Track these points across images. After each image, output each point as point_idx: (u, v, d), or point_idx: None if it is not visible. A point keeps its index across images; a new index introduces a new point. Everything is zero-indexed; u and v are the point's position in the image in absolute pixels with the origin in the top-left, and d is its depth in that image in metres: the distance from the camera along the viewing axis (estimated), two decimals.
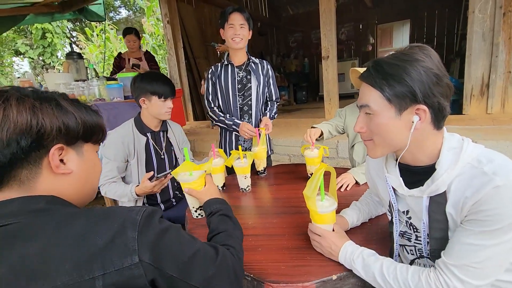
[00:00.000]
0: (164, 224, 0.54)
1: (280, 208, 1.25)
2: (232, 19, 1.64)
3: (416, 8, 6.86)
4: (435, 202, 0.66)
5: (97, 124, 0.60)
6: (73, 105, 0.56)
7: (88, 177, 0.59)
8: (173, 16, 4.55)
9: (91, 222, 0.47)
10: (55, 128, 0.51)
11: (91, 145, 0.60)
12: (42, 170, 0.51)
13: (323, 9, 3.34)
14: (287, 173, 1.67)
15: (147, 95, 1.55)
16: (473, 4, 2.74)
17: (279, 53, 8.16)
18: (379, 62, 0.66)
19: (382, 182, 0.82)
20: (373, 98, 0.66)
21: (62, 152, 0.53)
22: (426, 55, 0.62)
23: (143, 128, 1.61)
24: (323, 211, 0.86)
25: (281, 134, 3.19)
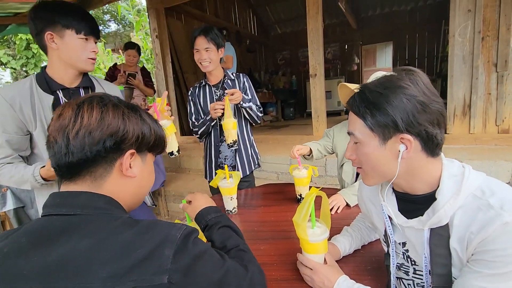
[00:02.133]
0: (199, 246, 0.54)
1: (268, 233, 1.18)
2: (197, 44, 1.63)
3: (398, 31, 7.18)
4: (437, 235, 0.60)
5: (163, 137, 0.66)
6: (149, 117, 0.63)
7: (144, 184, 0.64)
8: (162, 31, 4.54)
9: (137, 233, 0.50)
10: (135, 135, 0.58)
11: (151, 155, 0.66)
12: (113, 170, 0.57)
13: (311, 29, 3.41)
14: (275, 193, 1.60)
15: (57, 28, 1.06)
16: (453, 29, 2.86)
17: (267, 70, 8.27)
18: (364, 89, 0.63)
19: (377, 210, 0.77)
20: (357, 127, 0.64)
21: (132, 157, 0.59)
22: (412, 80, 0.59)
23: (49, 84, 1.13)
24: (314, 240, 0.80)
25: (269, 151, 3.15)
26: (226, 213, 1.38)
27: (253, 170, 1.86)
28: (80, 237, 0.48)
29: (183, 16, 5.30)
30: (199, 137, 1.79)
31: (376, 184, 0.70)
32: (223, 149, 1.79)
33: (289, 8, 7.81)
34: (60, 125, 0.54)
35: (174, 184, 3.17)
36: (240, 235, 0.78)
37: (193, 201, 0.89)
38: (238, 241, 0.74)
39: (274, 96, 7.05)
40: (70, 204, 0.53)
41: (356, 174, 1.53)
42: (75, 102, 0.56)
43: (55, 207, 0.53)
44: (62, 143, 0.53)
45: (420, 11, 6.90)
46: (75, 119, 0.53)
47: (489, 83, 2.81)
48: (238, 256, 0.69)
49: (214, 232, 0.76)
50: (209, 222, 0.79)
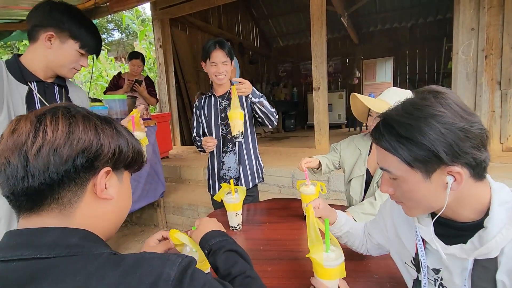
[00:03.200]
0: (197, 281, 0.47)
1: (275, 253, 1.12)
2: (214, 57, 1.61)
3: (399, 47, 7.29)
4: (482, 267, 0.54)
5: (141, 152, 0.58)
6: (125, 130, 0.55)
7: (122, 206, 0.56)
8: (166, 41, 4.57)
9: (123, 273, 0.42)
10: (111, 150, 0.49)
11: (127, 173, 0.57)
12: (85, 193, 0.48)
13: (315, 43, 3.44)
14: (280, 209, 1.55)
15: (64, 34, 1.05)
16: (457, 46, 2.89)
17: (269, 81, 8.33)
18: (389, 121, 0.57)
19: (409, 230, 0.71)
20: (392, 164, 0.57)
21: (107, 176, 0.51)
22: (444, 105, 0.52)
23: (22, 73, 1.07)
24: (329, 265, 0.74)
25: (271, 163, 3.11)
26: (230, 230, 1.33)
27: (256, 183, 1.81)
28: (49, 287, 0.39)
29: (187, 27, 5.36)
30: (201, 150, 1.78)
31: (418, 215, 0.64)
32: (226, 160, 1.75)
33: (291, 22, 7.94)
34: (14, 143, 0.44)
35: (174, 195, 3.11)
36: (247, 259, 0.71)
37: (199, 225, 0.82)
38: (245, 267, 0.66)
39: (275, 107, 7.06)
40: (35, 245, 0.43)
41: (364, 191, 1.48)
42: (34, 115, 0.46)
43: (14, 249, 0.42)
44: (19, 164, 0.43)
45: (420, 28, 7.03)
46: (35, 134, 0.44)
47: (493, 101, 2.81)
48: (244, 285, 0.62)
49: (218, 257, 0.69)
50: (213, 247, 0.71)
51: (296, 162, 3.19)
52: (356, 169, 1.48)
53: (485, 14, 2.71)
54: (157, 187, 2.81)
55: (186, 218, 2.92)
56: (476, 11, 2.75)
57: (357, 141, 1.53)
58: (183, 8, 4.37)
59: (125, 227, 3.14)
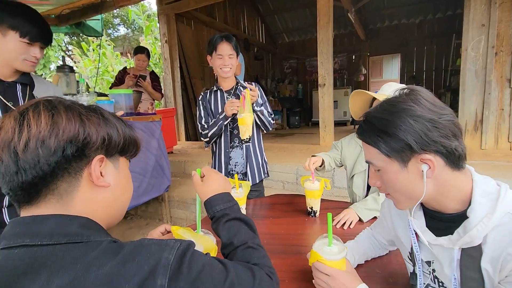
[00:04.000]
0: (196, 264, 0.48)
1: (278, 247, 1.13)
2: (220, 49, 1.61)
3: (406, 43, 7.19)
4: (469, 256, 0.57)
5: (134, 138, 0.59)
6: (114, 117, 0.55)
7: (122, 193, 0.57)
8: (171, 36, 4.57)
9: (122, 262, 0.43)
10: (100, 138, 0.50)
11: (125, 160, 0.58)
12: (81, 182, 0.49)
13: (321, 39, 3.41)
14: (284, 205, 1.56)
15: (2, 27, 1.05)
16: (466, 43, 2.84)
17: (274, 78, 8.30)
18: (369, 117, 0.64)
19: (404, 225, 0.73)
20: (373, 156, 0.64)
21: (102, 164, 0.51)
22: (414, 100, 0.59)
23: None
24: (331, 258, 0.74)
25: (275, 159, 3.11)
26: None
27: (262, 178, 1.82)
28: (48, 277, 0.40)
29: (192, 22, 5.36)
30: (209, 140, 1.74)
31: (407, 208, 0.67)
32: (233, 155, 1.75)
33: (297, 18, 7.88)
34: (2, 140, 0.45)
35: (178, 190, 3.13)
36: (251, 226, 0.70)
37: (205, 180, 0.77)
38: (247, 237, 0.66)
39: (280, 104, 7.05)
40: (35, 232, 0.44)
41: (367, 187, 1.48)
42: (17, 111, 0.47)
43: (16, 237, 0.44)
44: (10, 160, 0.44)
45: (428, 24, 6.91)
46: (20, 129, 0.45)
47: (502, 99, 2.77)
48: (245, 256, 0.62)
49: (221, 226, 0.68)
50: (216, 214, 0.70)
51: (301, 158, 3.19)
52: (358, 165, 1.49)
53: (497, 9, 2.66)
54: (163, 181, 2.83)
55: (190, 212, 2.95)
56: (487, 7, 2.70)
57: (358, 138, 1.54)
58: (188, 3, 4.37)
59: (130, 221, 3.18)
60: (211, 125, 1.69)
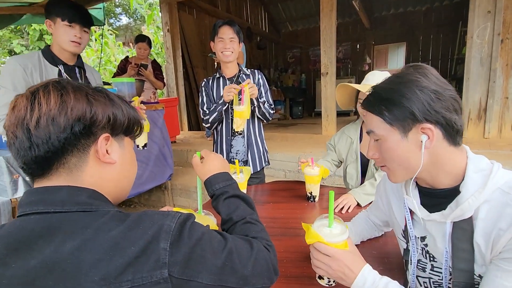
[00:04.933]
0: (196, 232, 0.51)
1: (277, 229, 1.16)
2: (221, 32, 1.62)
3: (412, 32, 7.05)
4: (460, 229, 0.60)
5: (138, 119, 0.62)
6: (119, 99, 0.58)
7: (127, 171, 0.60)
8: (173, 25, 4.54)
9: (128, 228, 0.47)
10: (105, 117, 0.53)
11: (129, 140, 0.61)
12: (89, 158, 0.52)
13: (324, 27, 3.37)
14: (284, 190, 1.58)
15: (52, 17, 1.33)
16: (472, 30, 2.79)
17: (277, 67, 8.22)
18: (377, 89, 0.67)
19: (399, 204, 0.76)
20: (376, 124, 0.66)
21: (107, 142, 0.54)
22: (422, 73, 0.61)
23: (53, 58, 1.38)
24: (332, 241, 0.66)
25: (277, 149, 3.13)
26: None
27: (263, 166, 1.85)
28: (62, 239, 0.44)
29: (195, 11, 5.30)
30: (210, 126, 1.76)
31: (402, 181, 0.70)
32: (235, 143, 1.77)
33: (301, 6, 7.74)
34: (16, 118, 0.49)
35: (181, 178, 3.18)
36: (250, 203, 0.72)
37: (204, 161, 0.80)
38: (245, 212, 0.68)
39: (283, 94, 7.01)
40: (48, 201, 0.48)
41: (361, 177, 1.51)
42: (29, 91, 0.50)
43: (31, 205, 0.48)
44: (24, 136, 0.48)
45: (435, 12, 6.75)
46: (31, 107, 0.48)
47: (507, 87, 2.73)
48: (244, 230, 0.64)
49: (220, 203, 0.71)
50: (216, 192, 0.73)
51: (302, 147, 3.20)
52: (349, 156, 1.54)
53: None
54: (165, 170, 2.87)
55: (193, 200, 3.00)
56: None
57: (348, 130, 1.60)
58: None
59: (133, 209, 3.25)
60: (212, 110, 1.71)
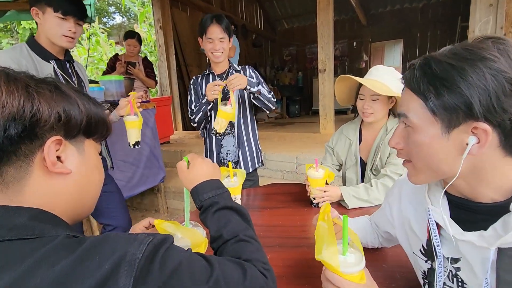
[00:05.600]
0: (172, 260, 0.40)
1: (275, 239, 1.05)
2: (210, 32, 1.49)
3: (409, 29, 6.99)
4: (509, 258, 0.46)
5: (102, 117, 0.50)
6: (76, 91, 0.47)
7: (88, 182, 0.49)
8: (166, 22, 4.41)
9: (79, 259, 0.36)
10: (53, 115, 0.41)
11: (92, 143, 0.51)
12: (33, 168, 0.41)
13: (321, 22, 3.26)
14: (282, 194, 1.47)
15: (41, 5, 1.17)
16: (473, 24, 2.70)
17: (273, 66, 8.11)
18: (429, 60, 0.48)
19: (419, 214, 0.63)
20: (413, 107, 0.50)
21: (60, 147, 0.43)
22: (502, 51, 0.43)
23: (44, 53, 1.23)
24: (347, 271, 0.56)
25: (274, 149, 3.02)
26: None
27: (256, 167, 1.74)
28: None
29: (188, 8, 5.17)
30: (197, 126, 1.66)
31: (424, 182, 0.56)
32: (225, 143, 1.67)
33: (297, 3, 7.63)
34: None
35: (174, 180, 3.06)
36: (245, 216, 0.61)
37: (191, 167, 0.68)
38: (238, 228, 0.57)
39: (279, 92, 6.91)
40: None
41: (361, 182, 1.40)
42: None
43: None
44: None
45: (432, 8, 6.69)
46: None
47: None
48: (236, 251, 0.54)
49: (209, 216, 0.59)
50: (204, 203, 0.61)
51: (300, 147, 3.09)
52: (348, 160, 1.43)
53: None
54: (158, 172, 2.75)
55: None
56: None
57: (346, 130, 1.48)
58: None
59: None
60: (197, 110, 1.60)
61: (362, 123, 1.44)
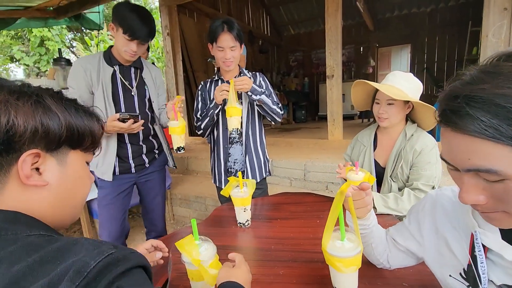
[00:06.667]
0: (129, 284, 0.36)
1: (287, 253, 1.00)
2: (221, 41, 1.44)
3: (417, 33, 6.92)
4: None
5: (87, 128, 0.50)
6: (58, 103, 0.47)
7: (69, 193, 0.49)
8: (173, 28, 4.43)
9: (39, 260, 0.35)
10: (29, 129, 0.42)
11: (80, 153, 0.51)
12: (9, 179, 0.43)
13: (329, 27, 3.23)
14: (293, 204, 1.42)
15: (116, 24, 1.37)
16: (487, 29, 2.63)
17: (279, 71, 8.10)
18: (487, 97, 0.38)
19: (460, 237, 0.58)
20: (495, 158, 0.39)
21: (38, 160, 0.44)
22: None
23: (111, 59, 1.49)
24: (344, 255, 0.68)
25: (282, 155, 2.97)
26: (238, 226, 1.21)
27: (264, 177, 1.69)
28: None
29: (195, 14, 5.20)
30: (202, 133, 1.62)
31: None
32: (232, 152, 1.63)
33: (303, 9, 7.64)
34: None
35: (181, 187, 3.03)
36: None
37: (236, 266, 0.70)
38: None
39: (286, 98, 6.88)
40: None
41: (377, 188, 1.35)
42: None
43: None
44: None
45: (440, 12, 6.62)
46: None
47: None
48: None
49: None
50: None
51: (308, 153, 3.04)
52: (364, 165, 1.39)
53: None
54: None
55: (193, 210, 2.84)
56: None
57: (361, 136, 1.46)
58: None
59: (131, 219, 3.09)
60: (204, 115, 1.57)
61: (378, 128, 1.41)
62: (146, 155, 1.64)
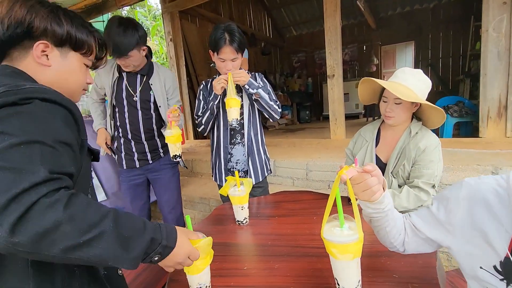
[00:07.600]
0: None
1: (283, 248, 1.03)
2: (222, 53, 1.46)
3: (420, 30, 6.87)
4: None
5: (84, 40, 0.72)
6: (67, 17, 0.69)
7: (64, 78, 0.70)
8: (176, 33, 4.52)
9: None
10: (42, 27, 0.65)
11: (79, 56, 0.72)
12: (29, 55, 0.66)
13: (328, 27, 3.26)
14: (291, 202, 1.46)
15: None
16: (487, 23, 2.62)
17: (282, 72, 8.13)
18: None
19: (499, 227, 0.58)
20: None
21: (47, 49, 0.67)
22: None
23: (119, 67, 1.72)
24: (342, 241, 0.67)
25: (285, 155, 3.00)
26: (237, 224, 1.25)
27: (266, 176, 1.73)
28: None
29: (197, 19, 5.29)
30: (204, 128, 1.66)
31: None
32: (234, 152, 1.67)
33: (304, 10, 7.67)
34: None
35: (186, 189, 3.09)
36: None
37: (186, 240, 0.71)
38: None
39: (290, 99, 6.90)
40: None
41: None
42: None
43: None
44: None
45: (443, 8, 6.56)
46: None
47: None
48: None
49: None
50: None
51: (311, 153, 3.06)
52: (365, 160, 1.39)
53: None
54: None
55: (198, 212, 2.89)
56: None
57: (364, 131, 1.47)
58: (192, 0, 4.29)
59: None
60: (204, 110, 1.62)
61: (382, 124, 1.42)
62: (149, 152, 1.85)
